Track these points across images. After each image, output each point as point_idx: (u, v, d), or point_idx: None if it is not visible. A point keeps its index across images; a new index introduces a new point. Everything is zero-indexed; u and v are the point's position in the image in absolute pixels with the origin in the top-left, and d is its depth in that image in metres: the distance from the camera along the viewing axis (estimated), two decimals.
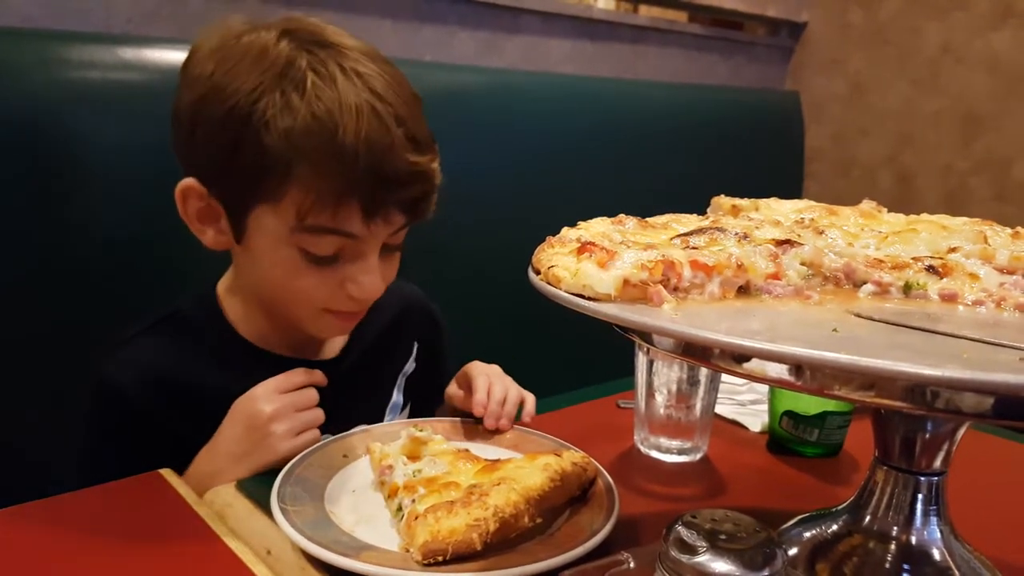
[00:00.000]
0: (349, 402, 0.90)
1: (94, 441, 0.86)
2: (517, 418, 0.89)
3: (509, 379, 0.93)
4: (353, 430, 0.83)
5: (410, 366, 1.01)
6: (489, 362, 0.96)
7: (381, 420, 0.96)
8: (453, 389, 0.95)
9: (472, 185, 1.49)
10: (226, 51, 0.76)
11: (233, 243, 0.82)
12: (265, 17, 0.80)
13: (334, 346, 0.95)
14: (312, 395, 0.81)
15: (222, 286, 0.91)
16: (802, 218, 0.67)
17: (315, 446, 0.78)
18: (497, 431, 0.86)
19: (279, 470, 0.73)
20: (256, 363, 0.87)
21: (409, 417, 1.01)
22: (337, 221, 0.76)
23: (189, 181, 0.79)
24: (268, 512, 0.66)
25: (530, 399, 0.92)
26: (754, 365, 0.44)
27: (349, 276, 0.80)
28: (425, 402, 1.02)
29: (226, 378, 0.83)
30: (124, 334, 0.87)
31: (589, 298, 0.49)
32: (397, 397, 0.99)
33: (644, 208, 0.70)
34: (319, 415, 0.81)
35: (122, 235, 1.10)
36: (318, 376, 0.83)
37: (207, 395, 0.81)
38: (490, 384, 0.89)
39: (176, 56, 1.11)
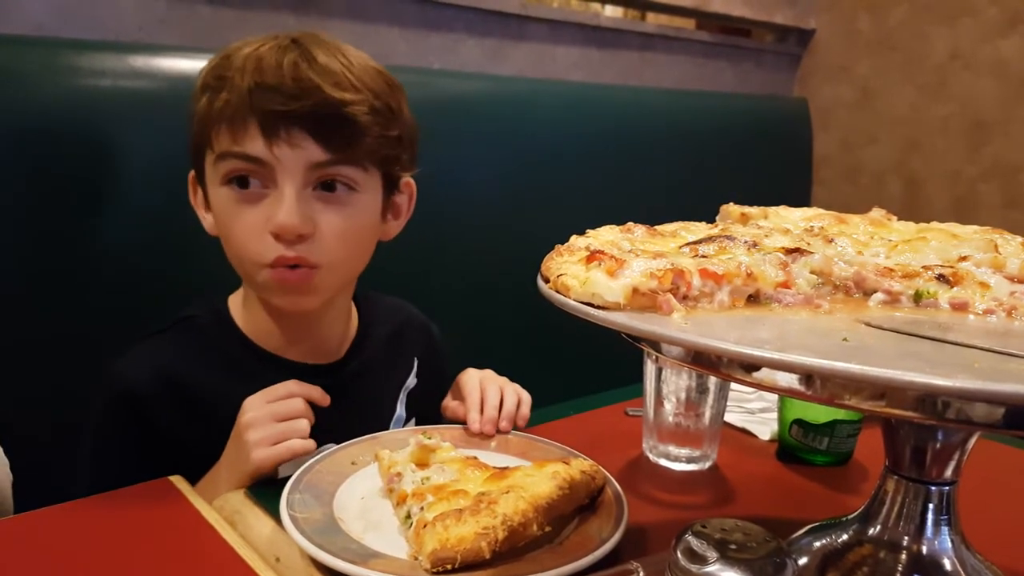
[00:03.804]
0: (353, 411, 0.90)
1: (101, 440, 0.86)
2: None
3: (504, 380, 0.93)
4: (362, 437, 0.83)
5: (411, 381, 1.01)
6: (498, 370, 0.96)
7: None
8: (448, 400, 0.95)
9: (479, 192, 1.49)
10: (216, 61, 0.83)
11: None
12: (273, 25, 0.82)
13: (337, 352, 0.95)
14: (297, 406, 0.79)
15: (233, 294, 0.93)
16: (811, 226, 0.67)
17: (323, 454, 0.78)
18: (499, 433, 0.86)
19: (288, 478, 0.73)
20: (261, 366, 0.89)
21: None
22: (237, 142, 0.78)
23: (192, 172, 0.87)
24: (277, 519, 0.67)
25: (526, 400, 0.91)
26: (764, 374, 0.44)
27: (269, 213, 0.79)
28: (427, 418, 1.01)
29: (231, 381, 0.85)
30: (139, 338, 0.89)
31: (598, 307, 0.49)
32: (400, 411, 0.99)
33: (652, 216, 0.70)
34: (300, 426, 0.78)
35: (132, 242, 1.11)
36: (316, 392, 0.81)
37: (213, 398, 0.84)
38: (483, 393, 0.89)
39: (186, 64, 1.12)
